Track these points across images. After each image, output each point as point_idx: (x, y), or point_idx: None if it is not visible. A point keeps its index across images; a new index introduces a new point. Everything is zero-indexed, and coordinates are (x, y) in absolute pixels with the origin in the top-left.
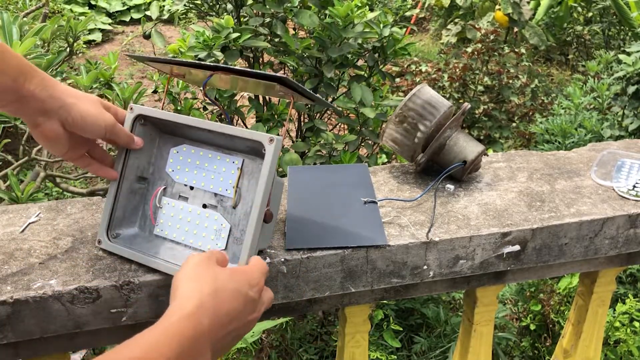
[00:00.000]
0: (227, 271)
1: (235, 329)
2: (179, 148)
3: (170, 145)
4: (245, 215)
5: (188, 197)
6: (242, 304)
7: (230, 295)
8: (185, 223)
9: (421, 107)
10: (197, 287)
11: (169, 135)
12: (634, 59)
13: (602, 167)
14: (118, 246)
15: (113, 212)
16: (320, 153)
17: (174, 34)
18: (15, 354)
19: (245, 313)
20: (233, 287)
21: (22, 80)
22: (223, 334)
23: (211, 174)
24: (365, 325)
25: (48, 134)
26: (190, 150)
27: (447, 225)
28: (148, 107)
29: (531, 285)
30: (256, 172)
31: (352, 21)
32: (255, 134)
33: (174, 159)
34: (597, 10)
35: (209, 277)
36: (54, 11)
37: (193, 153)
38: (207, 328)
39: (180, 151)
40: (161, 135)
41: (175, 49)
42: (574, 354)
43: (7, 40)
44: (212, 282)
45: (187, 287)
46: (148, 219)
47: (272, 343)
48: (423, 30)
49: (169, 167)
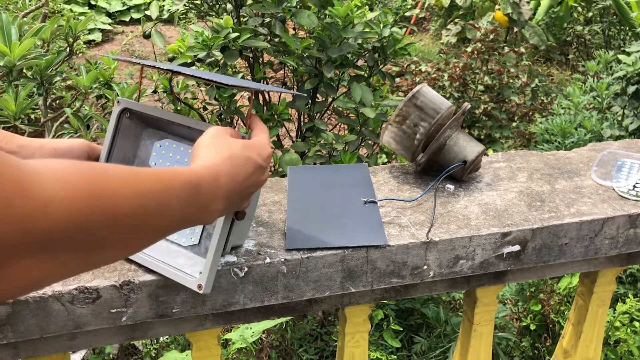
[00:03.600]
0: (241, 142)
1: (246, 188)
2: (162, 142)
3: (155, 139)
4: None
5: None
6: (252, 168)
7: (243, 161)
8: None
9: (421, 107)
10: (215, 151)
11: (153, 130)
12: (633, 58)
13: (602, 167)
14: None
15: None
16: (320, 153)
17: (173, 34)
18: (15, 354)
19: (255, 176)
20: (246, 155)
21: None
22: (236, 191)
23: None
24: (365, 325)
25: None
26: (172, 145)
27: (447, 225)
28: (133, 101)
29: (531, 285)
30: None
31: (352, 21)
32: (205, 125)
33: (157, 153)
34: (597, 10)
35: (224, 144)
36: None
37: (175, 148)
38: (222, 182)
39: (163, 145)
40: (146, 129)
41: (174, 49)
42: (574, 354)
43: (6, 41)
44: (228, 149)
45: (206, 152)
46: None
47: (272, 343)
48: (423, 30)
49: (152, 161)
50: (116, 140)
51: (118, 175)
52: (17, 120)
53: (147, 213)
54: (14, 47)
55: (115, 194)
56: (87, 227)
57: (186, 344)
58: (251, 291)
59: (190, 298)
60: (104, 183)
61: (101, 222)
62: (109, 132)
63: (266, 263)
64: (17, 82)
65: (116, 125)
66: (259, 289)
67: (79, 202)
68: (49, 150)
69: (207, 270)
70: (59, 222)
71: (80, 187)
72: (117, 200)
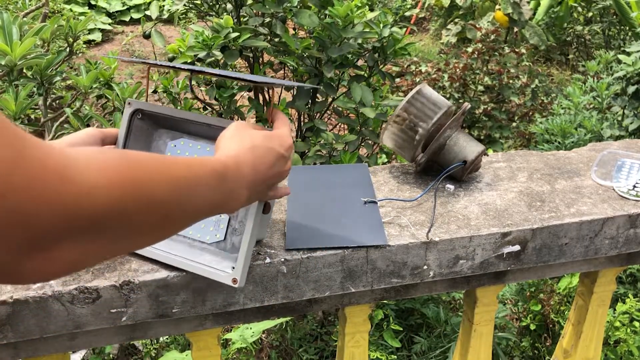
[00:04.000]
0: (263, 133)
1: (269, 177)
2: (177, 142)
3: (167, 139)
4: (243, 207)
5: None
6: (275, 158)
7: (265, 151)
8: None
9: (421, 107)
10: (238, 142)
11: (166, 130)
12: (633, 58)
13: (602, 167)
14: None
15: None
16: (320, 153)
17: (173, 34)
18: (15, 354)
19: (278, 166)
20: (268, 146)
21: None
22: (260, 180)
23: None
24: (365, 325)
25: None
26: (188, 143)
27: (447, 225)
28: (146, 102)
29: (531, 285)
30: None
31: (352, 21)
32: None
33: (171, 153)
34: (597, 10)
35: (247, 136)
36: (54, 11)
37: (191, 147)
38: (245, 172)
39: (178, 145)
40: (158, 129)
41: (174, 49)
42: (574, 354)
43: (6, 40)
44: (250, 140)
45: (229, 143)
46: None
47: (272, 343)
48: (423, 30)
49: None
50: (128, 142)
51: (152, 163)
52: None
53: (180, 199)
54: (15, 47)
55: (152, 179)
56: (126, 213)
57: (186, 344)
58: (251, 291)
59: (190, 298)
60: (140, 170)
61: (139, 208)
62: (120, 135)
63: (266, 263)
64: (17, 82)
65: (128, 127)
66: (259, 289)
67: (119, 189)
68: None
69: (241, 264)
70: (102, 207)
71: (119, 174)
72: (153, 186)
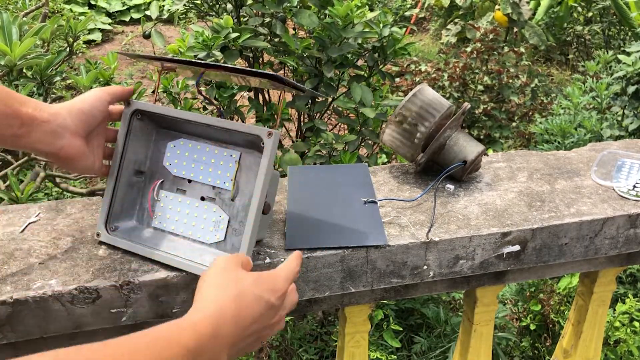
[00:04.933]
0: (252, 277)
1: (255, 332)
2: (177, 142)
3: (167, 139)
4: (243, 208)
5: (186, 190)
6: (263, 308)
7: (252, 300)
8: (184, 215)
9: (421, 107)
10: (222, 290)
11: (166, 130)
12: (633, 58)
13: (602, 167)
14: (117, 238)
15: (111, 206)
16: (320, 153)
17: (173, 34)
18: (15, 354)
19: (267, 318)
20: (255, 293)
21: (16, 105)
22: (242, 337)
23: (209, 167)
24: (365, 325)
25: (71, 151)
26: (188, 144)
27: (447, 225)
28: (146, 103)
29: (531, 285)
30: (254, 165)
31: (352, 21)
32: (254, 127)
33: (171, 153)
34: (597, 10)
35: (232, 281)
36: (54, 11)
37: (191, 147)
38: (226, 330)
39: (178, 145)
40: (158, 129)
41: (174, 49)
42: (574, 354)
43: (6, 40)
44: (234, 286)
45: (211, 291)
46: (146, 212)
47: (272, 343)
48: (423, 30)
49: (166, 161)
50: (128, 142)
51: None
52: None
53: None
54: (14, 47)
55: None
56: None
57: None
58: None
59: (190, 298)
60: None
61: None
62: (120, 135)
63: (266, 263)
64: (17, 82)
65: (127, 127)
66: None
67: None
68: (76, 113)
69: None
70: None
71: None
72: None
